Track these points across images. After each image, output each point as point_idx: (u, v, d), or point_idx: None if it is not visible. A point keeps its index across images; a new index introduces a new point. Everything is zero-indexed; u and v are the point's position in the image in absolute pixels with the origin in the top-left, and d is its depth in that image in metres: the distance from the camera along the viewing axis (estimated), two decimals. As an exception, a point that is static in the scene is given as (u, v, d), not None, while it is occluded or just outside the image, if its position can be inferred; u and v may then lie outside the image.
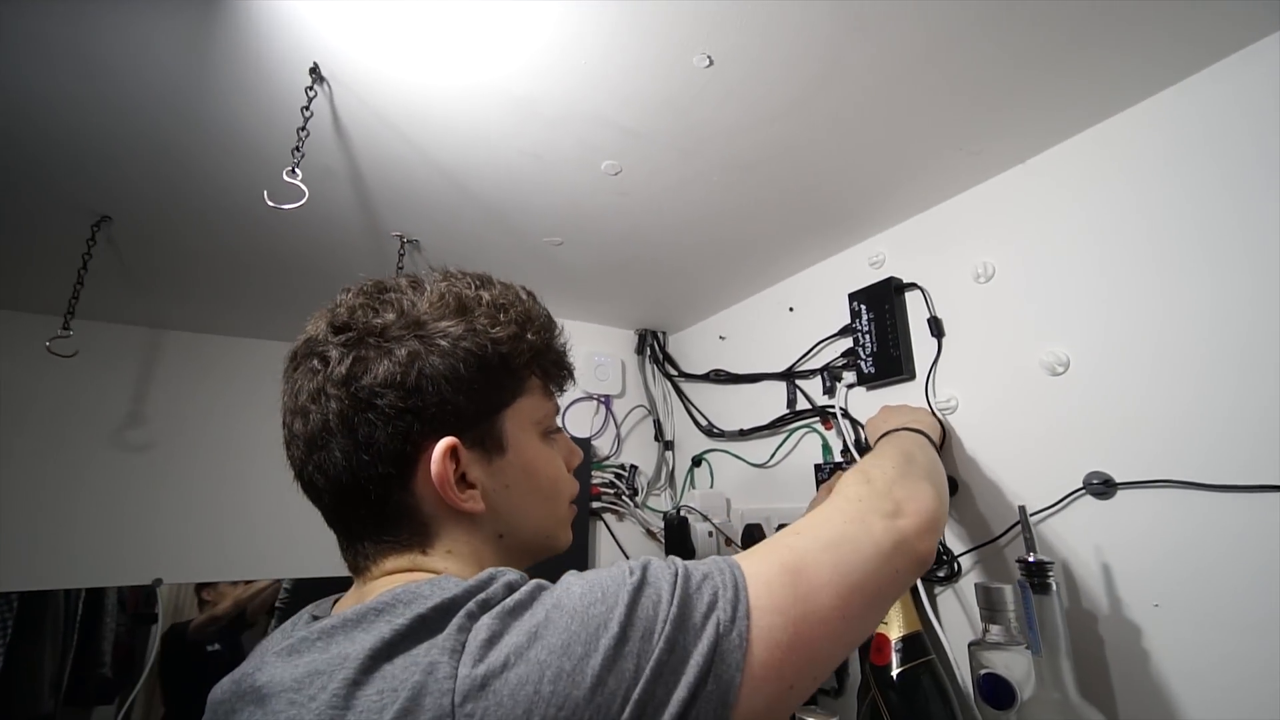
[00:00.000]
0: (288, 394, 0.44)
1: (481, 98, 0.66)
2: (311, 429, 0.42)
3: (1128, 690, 0.60)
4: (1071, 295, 0.71)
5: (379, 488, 0.41)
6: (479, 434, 0.44)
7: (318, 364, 0.42)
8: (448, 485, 0.41)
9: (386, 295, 0.44)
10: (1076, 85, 0.65)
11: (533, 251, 1.03)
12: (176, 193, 0.83)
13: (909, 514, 0.47)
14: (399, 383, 0.41)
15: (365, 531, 0.43)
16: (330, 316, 0.44)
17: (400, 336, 0.42)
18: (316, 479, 0.42)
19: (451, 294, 0.45)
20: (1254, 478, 0.55)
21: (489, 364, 0.44)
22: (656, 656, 0.32)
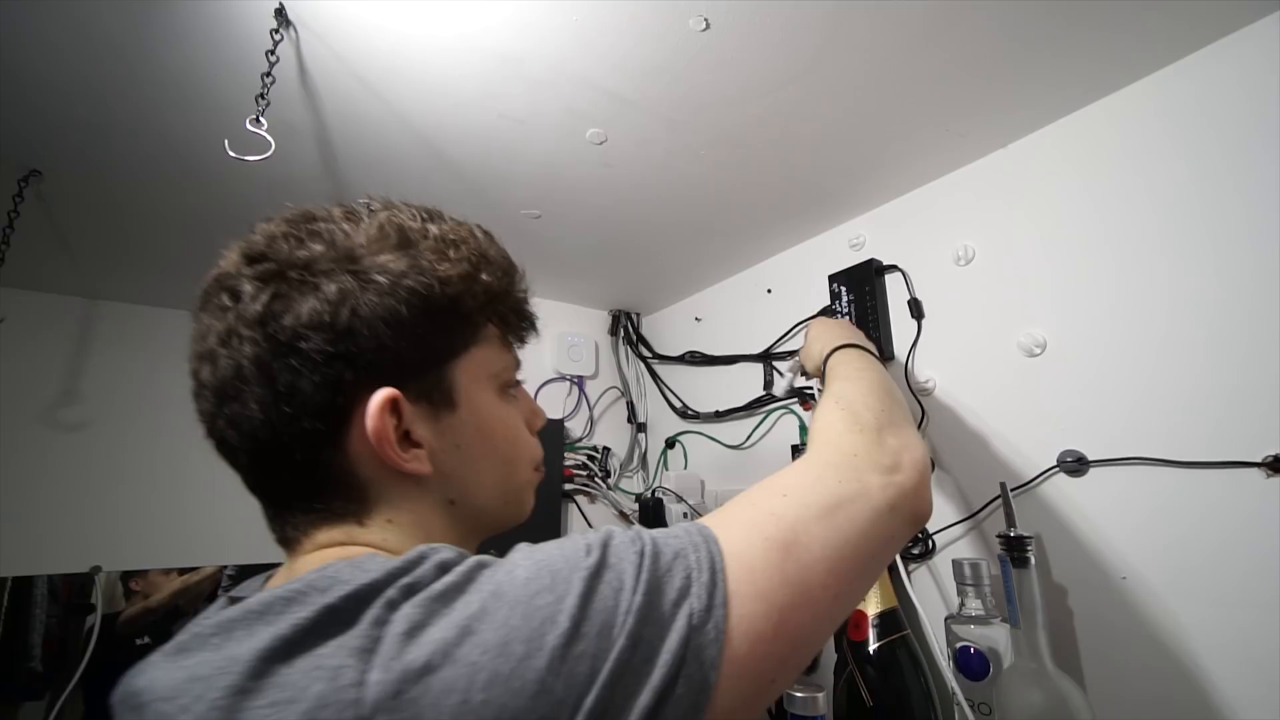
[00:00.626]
0: (195, 337, 0.37)
1: (462, 52, 0.63)
2: (221, 377, 0.35)
3: (1095, 660, 0.63)
4: (1049, 279, 0.72)
5: (305, 446, 0.35)
6: (425, 386, 0.38)
7: (228, 300, 0.36)
8: (387, 443, 0.35)
9: (315, 224, 0.38)
10: (1062, 71, 0.65)
11: (509, 224, 0.99)
12: (118, 145, 0.76)
13: (906, 466, 0.42)
14: (327, 323, 0.34)
15: (291, 498, 0.37)
16: (245, 246, 0.37)
17: (329, 271, 0.35)
18: (229, 435, 0.36)
19: (393, 225, 0.38)
20: (1218, 454, 0.57)
21: (436, 306, 0.37)
22: (617, 655, 0.27)
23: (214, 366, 0.35)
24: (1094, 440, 0.66)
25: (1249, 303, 0.57)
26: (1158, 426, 0.62)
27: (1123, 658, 0.61)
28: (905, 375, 0.85)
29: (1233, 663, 0.55)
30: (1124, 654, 0.61)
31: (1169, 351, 0.62)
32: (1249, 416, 0.56)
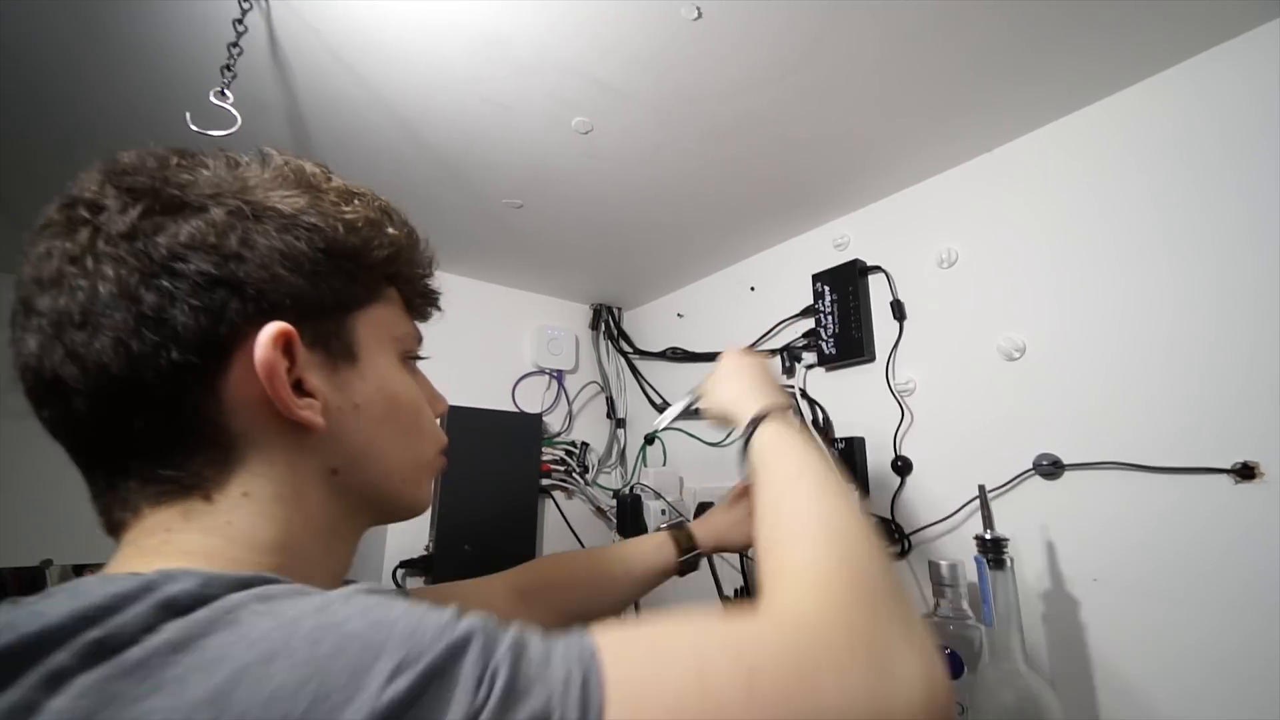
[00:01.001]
0: (30, 262, 0.30)
1: (445, 30, 0.60)
2: (66, 304, 0.29)
3: (1064, 660, 0.64)
4: (1030, 284, 0.73)
5: (170, 383, 0.29)
6: (323, 331, 0.33)
7: (85, 213, 0.30)
8: (279, 380, 0.30)
9: (197, 156, 0.33)
10: (1053, 74, 0.65)
11: (490, 214, 0.97)
12: (70, 119, 0.71)
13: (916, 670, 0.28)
14: (213, 245, 0.30)
15: (133, 458, 0.30)
16: (107, 164, 0.32)
17: (216, 195, 0.31)
18: (66, 372, 0.29)
19: (292, 168, 0.35)
20: (1188, 460, 0.58)
21: (339, 249, 0.34)
22: None
23: (59, 290, 0.29)
24: (1069, 444, 0.67)
25: (1222, 311, 0.58)
26: (1131, 431, 0.63)
27: (1092, 658, 0.62)
28: (886, 376, 0.85)
29: (1199, 664, 0.56)
30: (1093, 655, 0.62)
31: (1143, 357, 0.63)
32: (1219, 422, 0.57)
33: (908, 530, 0.79)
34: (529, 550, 1.16)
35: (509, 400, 1.25)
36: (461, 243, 1.08)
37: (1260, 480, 0.54)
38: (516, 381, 1.27)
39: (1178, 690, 0.57)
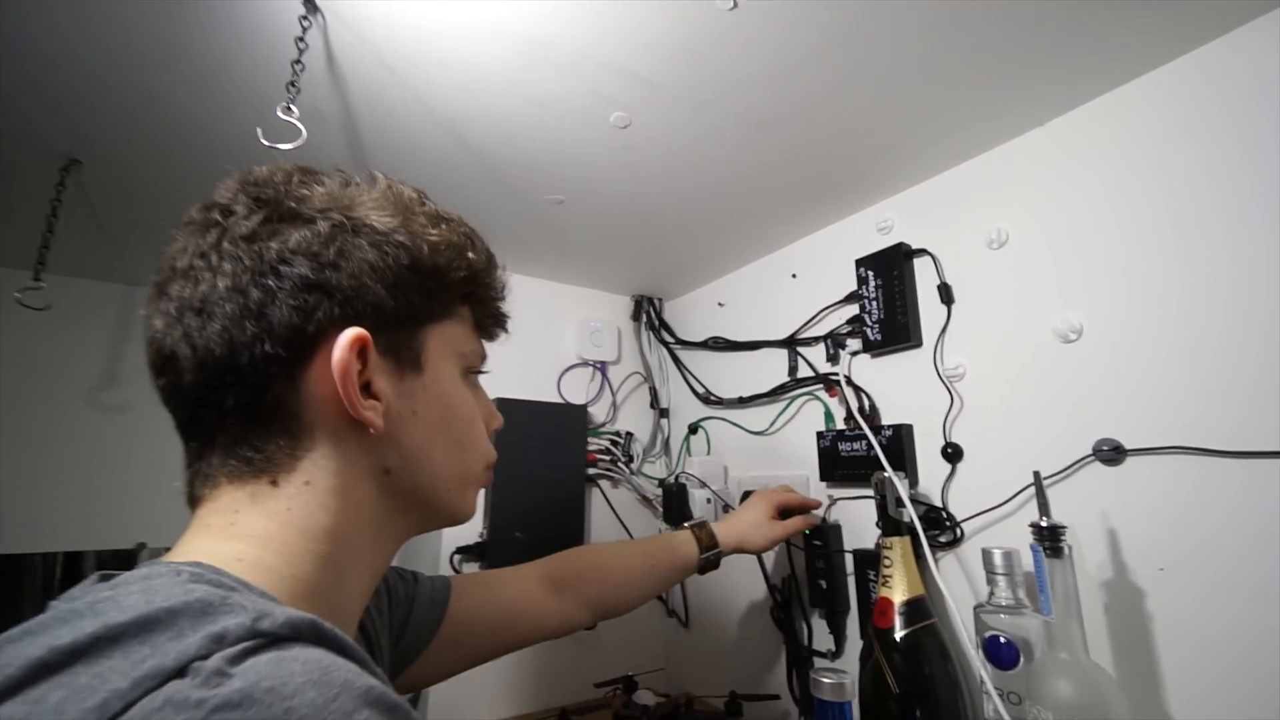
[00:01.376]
0: (171, 254, 0.36)
1: (487, 38, 0.62)
2: (191, 292, 0.34)
3: (1129, 651, 0.62)
4: (1086, 262, 0.70)
5: (260, 371, 0.33)
6: (396, 341, 0.37)
7: (218, 216, 0.35)
8: (350, 381, 0.34)
9: (316, 175, 0.38)
10: (1102, 47, 0.62)
11: (532, 209, 0.99)
12: (154, 134, 0.77)
13: None
14: (314, 252, 0.34)
15: (219, 434, 0.34)
16: (243, 174, 0.37)
17: (325, 210, 0.36)
18: (181, 350, 0.33)
19: (393, 191, 0.39)
20: (1261, 444, 0.55)
21: (422, 267, 0.38)
22: None
23: (187, 281, 0.34)
24: (1131, 428, 0.64)
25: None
26: (1199, 415, 0.60)
27: (1159, 652, 0.60)
28: (934, 361, 0.83)
29: (1275, 661, 0.53)
30: (1160, 648, 0.60)
31: (1207, 336, 0.60)
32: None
33: (960, 518, 0.78)
34: (577, 538, 1.19)
35: (555, 392, 1.28)
36: (504, 239, 1.11)
37: (1346, 465, 0.51)
38: (561, 373, 1.30)
39: (1250, 689, 0.54)
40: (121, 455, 1.25)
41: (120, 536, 1.27)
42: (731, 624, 1.12)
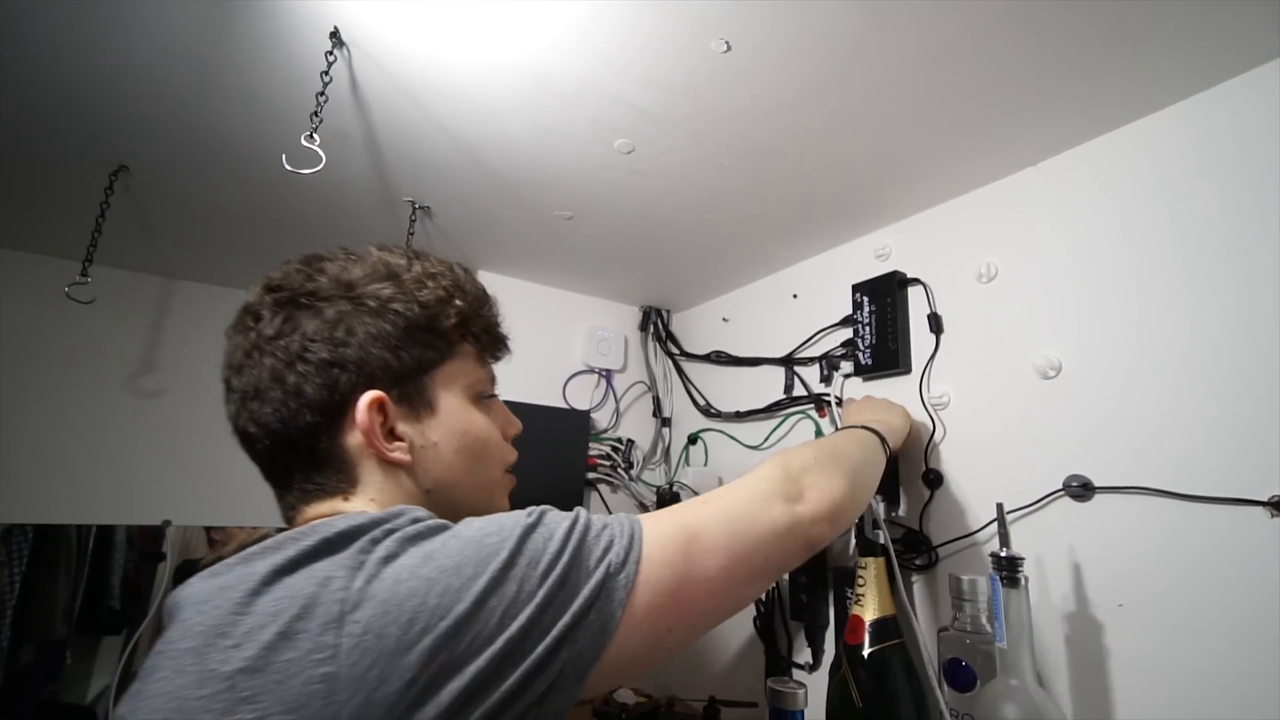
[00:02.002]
0: (226, 352, 0.47)
1: (498, 71, 0.67)
2: (246, 383, 0.44)
3: (1085, 683, 0.63)
4: (1070, 300, 0.72)
5: (307, 435, 0.43)
6: (407, 391, 0.46)
7: (250, 322, 0.45)
8: (373, 434, 0.44)
9: (321, 264, 0.47)
10: (1094, 91, 0.64)
11: (542, 223, 1.04)
12: (193, 147, 0.84)
13: (810, 501, 0.51)
14: (327, 336, 0.44)
15: (294, 479, 0.45)
16: (265, 281, 0.47)
17: (330, 297, 0.45)
18: (251, 429, 0.45)
19: (383, 262, 0.48)
20: (1227, 490, 0.57)
21: (415, 324, 0.46)
22: (548, 588, 0.36)
23: (240, 375, 0.45)
24: (1101, 466, 0.66)
25: (1267, 339, 0.56)
26: (1166, 457, 0.61)
27: (1114, 684, 0.61)
28: (920, 389, 0.85)
29: (1226, 699, 0.55)
30: (1115, 681, 0.61)
31: (1184, 382, 0.61)
32: (1259, 454, 0.55)
33: (935, 543, 0.80)
34: (574, 539, 1.23)
35: (560, 397, 1.33)
36: (518, 250, 1.16)
37: (1298, 515, 0.53)
38: (567, 379, 1.35)
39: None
40: (154, 438, 1.34)
41: (149, 514, 1.35)
42: (719, 632, 1.15)
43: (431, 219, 1.03)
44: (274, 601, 0.33)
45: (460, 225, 1.06)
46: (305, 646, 0.31)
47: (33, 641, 1.43)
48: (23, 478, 1.23)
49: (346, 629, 0.31)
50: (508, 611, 0.34)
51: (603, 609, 0.37)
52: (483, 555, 0.35)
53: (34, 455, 1.24)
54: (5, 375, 1.22)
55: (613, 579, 0.38)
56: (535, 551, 0.37)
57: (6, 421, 1.22)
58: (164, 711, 0.31)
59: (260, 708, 0.30)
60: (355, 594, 0.33)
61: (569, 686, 0.35)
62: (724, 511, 0.46)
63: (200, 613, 0.34)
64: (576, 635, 0.36)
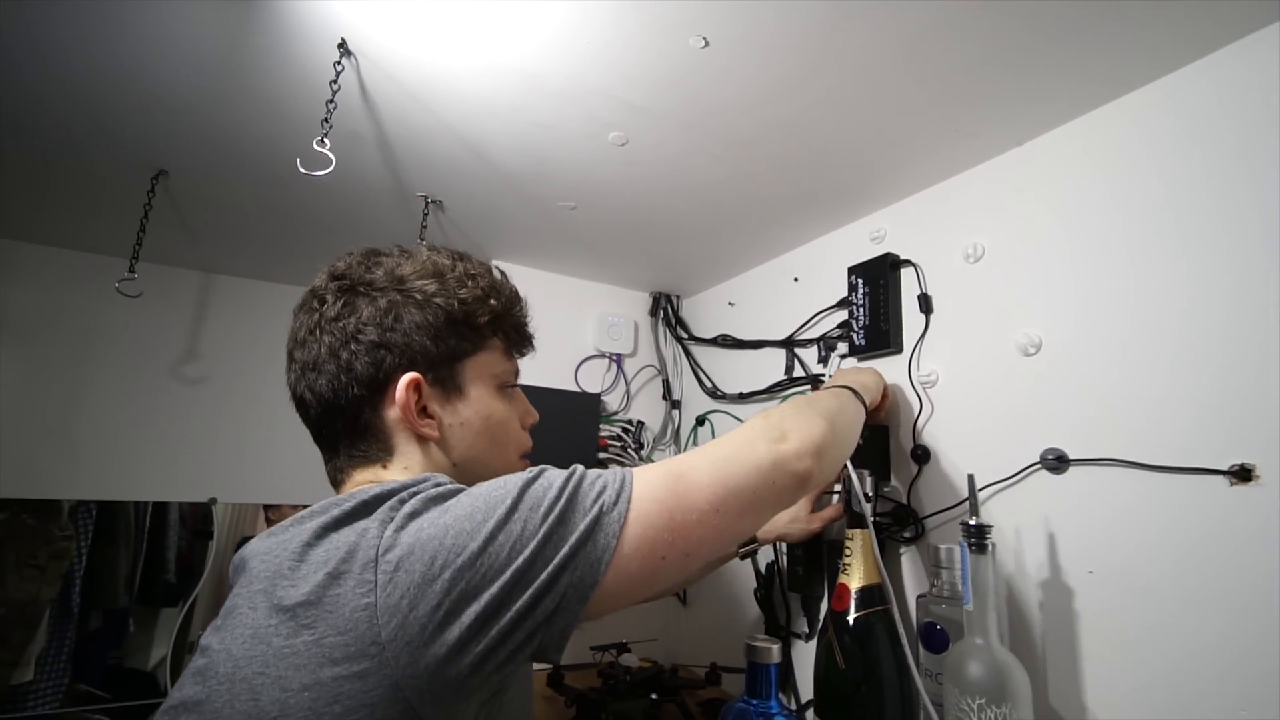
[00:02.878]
0: (292, 330, 0.54)
1: (495, 75, 0.71)
2: (307, 356, 0.51)
3: (1058, 646, 0.66)
4: (1049, 280, 0.73)
5: (354, 406, 0.51)
6: (441, 375, 0.53)
7: (316, 304, 0.52)
8: (408, 410, 0.51)
9: (379, 258, 0.55)
10: (1077, 68, 0.65)
11: (548, 214, 1.09)
12: (223, 151, 0.91)
13: (792, 440, 0.54)
14: (378, 322, 0.51)
15: (340, 445, 0.52)
16: (330, 269, 0.54)
17: (384, 288, 0.52)
18: (307, 396, 0.52)
19: (431, 262, 0.55)
20: (1188, 460, 0.58)
21: (454, 318, 0.53)
22: (548, 526, 0.42)
23: (302, 349, 0.52)
24: (1076, 439, 0.68)
25: (1231, 314, 0.58)
26: (1135, 429, 0.63)
27: (1083, 647, 0.64)
28: (909, 367, 0.88)
29: (1188, 662, 0.57)
30: (1084, 644, 0.64)
31: (1152, 357, 0.63)
32: (1220, 424, 0.57)
33: (921, 515, 0.83)
34: (586, 515, 1.29)
35: (572, 380, 1.38)
36: (526, 239, 1.21)
37: (1257, 483, 0.54)
38: (579, 364, 1.40)
39: (1167, 686, 0.58)
40: (198, 422, 1.44)
41: (196, 491, 1.46)
42: (723, 603, 1.20)
43: (444, 212, 1.09)
44: (324, 551, 0.41)
45: (471, 217, 1.11)
46: (349, 584, 0.38)
47: (100, 609, 1.57)
48: (84, 458, 1.35)
49: (381, 568, 0.39)
50: (514, 546, 0.40)
51: (599, 540, 0.43)
52: (490, 504, 0.42)
53: (93, 437, 1.36)
54: (67, 365, 1.34)
55: (605, 515, 0.43)
56: (536, 498, 0.43)
57: (71, 407, 1.33)
58: (243, 638, 0.39)
59: (318, 632, 0.38)
60: (387, 540, 0.40)
61: (573, 607, 0.42)
62: (709, 455, 0.51)
63: (264, 562, 0.42)
64: (576, 563, 0.42)
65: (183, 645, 1.65)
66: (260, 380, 1.50)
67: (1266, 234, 0.56)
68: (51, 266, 1.34)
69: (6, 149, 0.93)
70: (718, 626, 1.21)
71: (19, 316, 1.31)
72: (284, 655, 0.37)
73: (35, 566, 1.34)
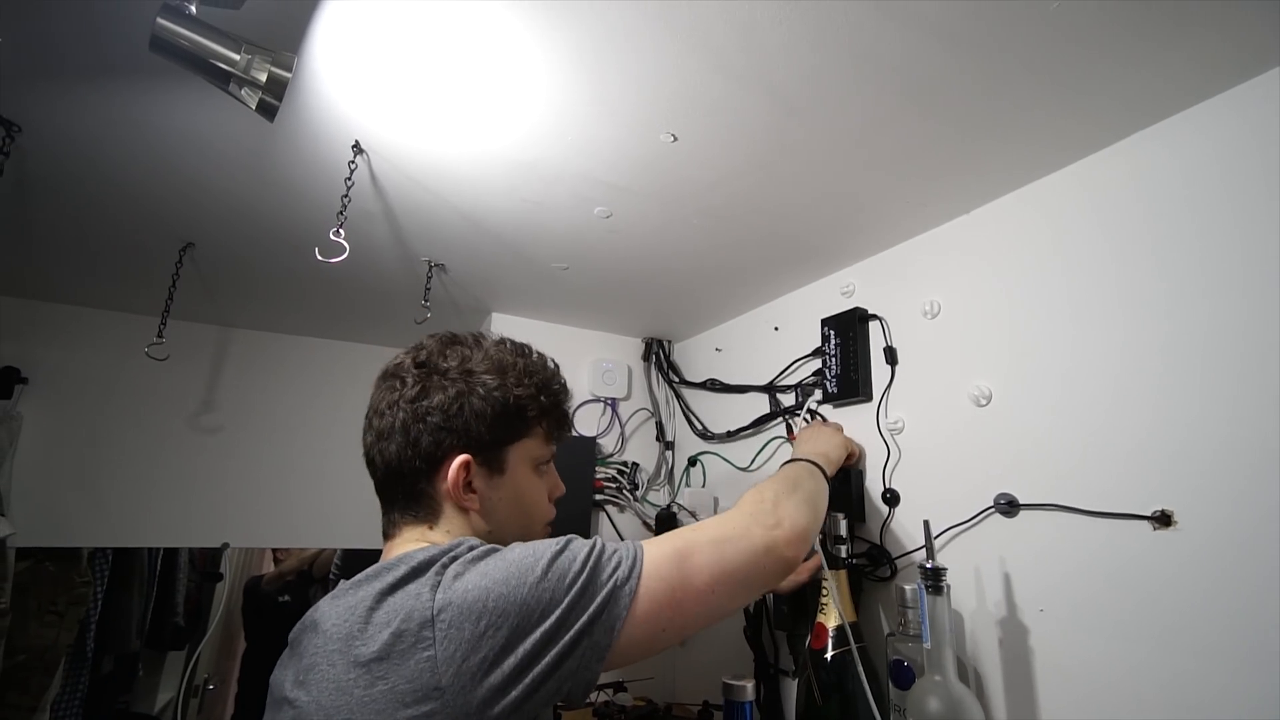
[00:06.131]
0: (373, 399, 0.62)
1: (489, 161, 0.80)
2: (382, 425, 0.59)
3: (1014, 681, 0.71)
4: (997, 336, 0.80)
5: (413, 475, 0.58)
6: (488, 457, 0.61)
7: (398, 385, 0.60)
8: (455, 487, 0.58)
9: (454, 348, 0.63)
10: (1018, 145, 0.73)
11: (542, 274, 1.17)
12: (245, 228, 1.00)
13: (784, 526, 0.61)
14: (444, 409, 0.58)
15: (397, 504, 0.60)
16: (414, 354, 0.62)
17: (455, 379, 0.60)
18: (376, 459, 0.60)
19: (495, 358, 0.63)
20: (1115, 505, 0.64)
21: (509, 411, 0.61)
22: (572, 596, 0.49)
23: (380, 419, 0.60)
24: (1025, 485, 0.74)
25: (1160, 369, 0.64)
26: (1074, 476, 0.69)
27: (1037, 682, 0.69)
28: (877, 415, 0.94)
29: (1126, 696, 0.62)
30: (1039, 679, 0.69)
31: (1088, 408, 0.69)
32: (1146, 472, 0.63)
33: (894, 555, 0.88)
34: (582, 556, 1.34)
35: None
36: (522, 295, 1.30)
37: (1175, 528, 0.60)
38: (575, 408, 1.46)
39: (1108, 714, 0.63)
40: (213, 469, 1.51)
41: (210, 536, 1.52)
42: (717, 641, 1.24)
43: (446, 273, 1.18)
44: (385, 614, 0.47)
45: (471, 278, 1.20)
46: (411, 640, 0.46)
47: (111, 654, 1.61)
48: (105, 506, 1.42)
49: (438, 626, 0.46)
50: (544, 610, 0.48)
51: (612, 611, 0.50)
52: (524, 569, 0.49)
53: (113, 486, 1.42)
54: (90, 417, 1.42)
55: (619, 590, 0.50)
56: (562, 569, 0.50)
57: (92, 457, 1.41)
58: (329, 690, 0.47)
59: (390, 681, 0.45)
60: (439, 602, 0.47)
61: (592, 665, 0.49)
62: (710, 535, 0.57)
63: (335, 625, 0.49)
64: (593, 629, 0.49)
65: (190, 689, 1.69)
66: (272, 426, 1.57)
67: (1192, 298, 0.62)
68: (78, 325, 1.43)
69: (47, 220, 1.03)
70: (712, 665, 1.24)
71: (46, 372, 1.40)
72: (365, 703, 0.45)
73: (55, 613, 1.39)
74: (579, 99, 0.68)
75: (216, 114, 0.72)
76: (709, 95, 0.66)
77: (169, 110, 0.72)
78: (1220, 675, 0.56)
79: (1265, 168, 0.58)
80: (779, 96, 0.66)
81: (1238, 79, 0.61)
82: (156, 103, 0.71)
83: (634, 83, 0.65)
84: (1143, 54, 0.58)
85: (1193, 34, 0.55)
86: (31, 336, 1.39)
